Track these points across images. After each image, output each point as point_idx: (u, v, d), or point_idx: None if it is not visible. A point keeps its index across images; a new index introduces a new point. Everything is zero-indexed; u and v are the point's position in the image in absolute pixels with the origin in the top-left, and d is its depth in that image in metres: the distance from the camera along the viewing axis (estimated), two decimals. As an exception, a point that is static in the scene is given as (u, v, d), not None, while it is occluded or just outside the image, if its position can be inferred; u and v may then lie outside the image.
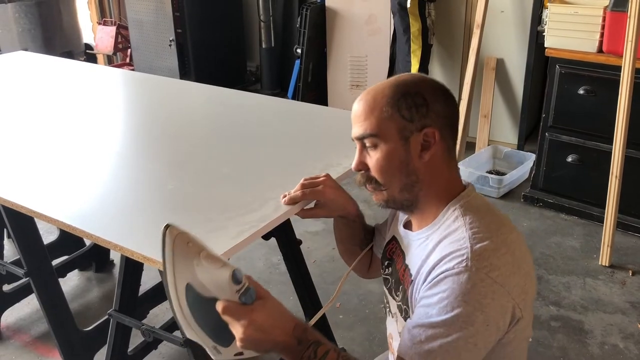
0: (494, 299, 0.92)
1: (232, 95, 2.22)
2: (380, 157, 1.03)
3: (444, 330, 0.91)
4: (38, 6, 4.70)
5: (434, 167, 1.03)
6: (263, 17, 4.64)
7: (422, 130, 1.01)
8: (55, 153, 1.70)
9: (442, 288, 0.93)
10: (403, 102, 1.01)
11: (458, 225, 0.99)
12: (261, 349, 0.91)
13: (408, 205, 1.07)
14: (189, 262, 0.89)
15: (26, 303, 2.47)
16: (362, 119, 1.03)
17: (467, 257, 0.93)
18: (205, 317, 0.92)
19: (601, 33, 2.74)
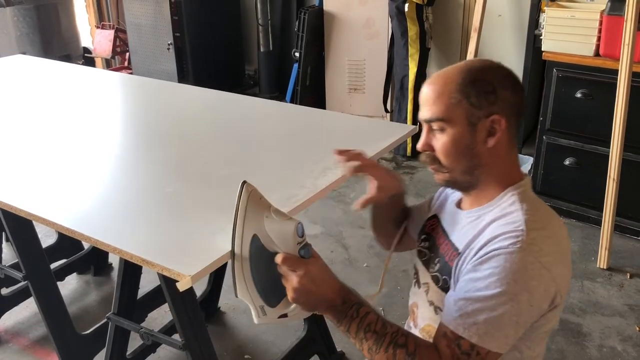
0: (541, 282, 0.97)
1: (231, 98, 2.22)
2: (447, 141, 1.06)
3: (491, 305, 0.95)
4: (36, 10, 4.70)
5: (496, 153, 1.07)
6: (261, 20, 4.65)
7: (489, 117, 1.04)
8: (53, 156, 1.71)
9: (493, 264, 0.97)
10: (472, 89, 1.04)
11: (514, 209, 1.03)
12: (309, 304, 0.99)
13: (467, 187, 1.11)
14: (260, 215, 1.00)
15: (24, 306, 2.47)
16: (430, 103, 1.06)
17: (522, 239, 0.97)
18: (261, 271, 1.01)
19: (598, 37, 2.75)
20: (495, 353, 0.97)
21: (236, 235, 1.01)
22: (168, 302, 1.56)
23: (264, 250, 1.00)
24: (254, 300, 1.03)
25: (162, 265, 1.12)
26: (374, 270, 2.75)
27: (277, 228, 1.00)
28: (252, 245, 1.01)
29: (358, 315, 0.99)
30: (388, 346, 0.97)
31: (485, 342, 0.95)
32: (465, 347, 0.96)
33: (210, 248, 1.15)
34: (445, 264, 1.12)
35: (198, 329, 1.60)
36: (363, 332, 0.98)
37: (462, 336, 0.96)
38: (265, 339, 2.32)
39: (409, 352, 0.97)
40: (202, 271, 1.10)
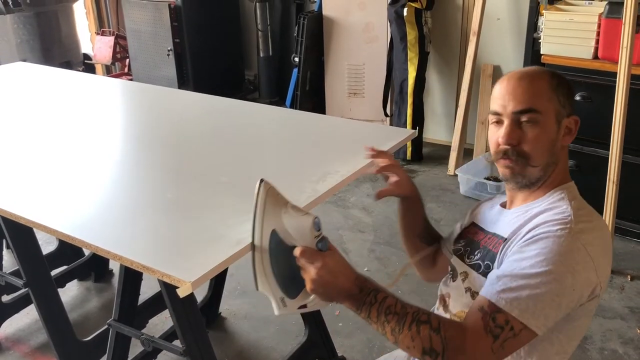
0: (585, 269, 1.00)
1: (231, 104, 2.23)
2: (540, 132, 1.09)
3: (535, 282, 0.98)
4: (36, 17, 4.71)
5: (564, 152, 1.14)
6: (261, 26, 4.66)
7: (570, 117, 1.12)
8: (54, 163, 1.71)
9: (541, 245, 1.01)
10: (560, 89, 1.11)
11: (563, 204, 1.09)
12: (327, 294, 1.02)
13: (534, 183, 1.14)
14: (278, 211, 1.05)
15: (25, 313, 2.47)
16: (524, 96, 1.09)
17: (570, 226, 1.02)
18: (281, 264, 1.06)
19: (596, 40, 2.75)
20: (530, 331, 0.97)
21: (256, 231, 1.05)
22: (169, 308, 1.56)
23: (282, 245, 1.05)
24: (274, 292, 1.07)
25: (163, 271, 1.12)
26: (375, 274, 2.75)
27: (294, 223, 1.05)
28: (271, 240, 1.05)
29: (376, 301, 1.01)
30: (411, 324, 0.98)
31: (525, 317, 0.97)
32: (500, 321, 0.97)
33: (211, 254, 1.16)
34: (488, 251, 1.16)
35: (199, 335, 1.60)
36: (384, 316, 1.00)
37: (502, 309, 0.97)
38: (267, 344, 2.32)
39: (433, 327, 0.97)
40: (203, 277, 1.10)
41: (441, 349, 0.96)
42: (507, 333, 0.97)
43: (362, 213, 3.25)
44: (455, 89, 3.90)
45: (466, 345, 0.96)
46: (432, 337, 0.96)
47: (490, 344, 0.96)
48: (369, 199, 3.33)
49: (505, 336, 0.97)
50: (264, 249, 1.05)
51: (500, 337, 0.96)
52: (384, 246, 2.95)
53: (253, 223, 1.05)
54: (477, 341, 0.97)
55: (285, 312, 1.09)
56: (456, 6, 3.82)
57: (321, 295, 1.03)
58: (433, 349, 0.96)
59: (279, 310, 1.09)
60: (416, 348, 0.98)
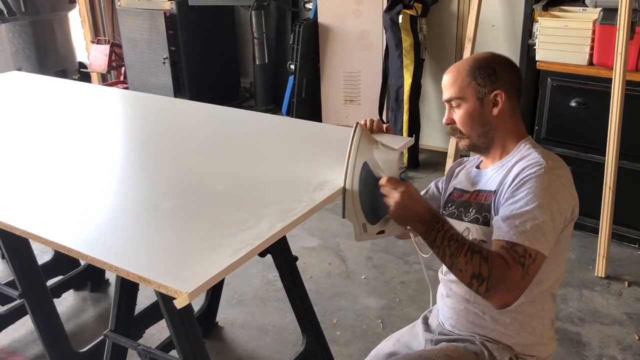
0: (563, 195, 1.28)
1: (227, 112, 2.22)
2: (463, 114, 1.39)
3: (532, 215, 1.23)
4: (32, 26, 4.71)
5: (503, 119, 1.39)
6: (256, 34, 4.67)
7: (492, 92, 1.37)
8: (49, 173, 1.70)
9: (527, 186, 1.27)
10: (478, 73, 1.37)
11: (531, 152, 1.35)
12: (405, 217, 1.25)
13: (485, 148, 1.42)
14: (370, 146, 1.29)
15: (21, 324, 2.44)
16: (449, 86, 1.40)
17: (544, 166, 1.29)
18: (367, 193, 1.29)
19: (591, 46, 2.76)
20: (541, 254, 1.22)
21: (349, 163, 1.28)
22: (165, 319, 1.54)
23: (371, 175, 1.28)
24: (358, 218, 1.29)
25: (159, 282, 1.11)
26: (372, 282, 2.74)
27: (384, 157, 1.28)
28: (362, 170, 1.28)
29: (443, 229, 1.23)
30: (467, 251, 1.20)
31: (535, 244, 1.21)
32: (520, 251, 1.21)
33: (208, 264, 1.15)
34: (482, 204, 1.38)
35: (196, 345, 1.58)
36: (447, 241, 1.22)
37: (517, 242, 1.21)
38: (264, 354, 2.31)
39: (483, 256, 1.20)
40: (200, 288, 1.09)
41: (487, 276, 1.18)
42: (528, 260, 1.20)
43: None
44: (451, 96, 3.91)
45: (506, 275, 1.19)
46: (482, 264, 1.19)
47: (520, 272, 1.19)
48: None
49: (528, 263, 1.20)
50: (355, 179, 1.27)
51: (525, 264, 1.20)
52: (381, 254, 2.95)
53: (348, 157, 1.27)
54: (513, 272, 1.19)
55: (365, 237, 1.31)
56: (451, 13, 3.84)
57: (400, 218, 1.26)
58: (480, 275, 1.19)
59: (360, 236, 1.31)
60: (467, 272, 1.20)
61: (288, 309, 2.07)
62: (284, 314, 2.48)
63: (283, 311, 2.49)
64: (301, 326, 2.03)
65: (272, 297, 2.64)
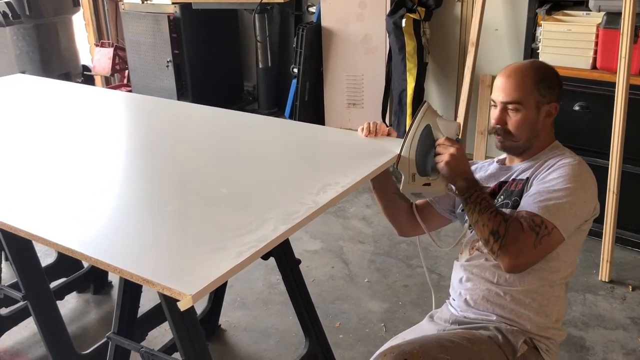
0: (592, 187, 1.43)
1: (230, 115, 2.23)
2: (520, 119, 1.49)
3: (558, 195, 1.36)
4: (36, 29, 4.73)
5: (547, 128, 1.54)
6: (259, 37, 4.68)
7: (550, 104, 1.51)
8: (52, 175, 1.70)
9: (560, 171, 1.41)
10: (542, 83, 1.49)
11: (562, 152, 1.51)
12: (455, 170, 1.40)
13: (524, 150, 1.54)
14: (434, 115, 1.49)
15: (24, 326, 2.45)
16: (511, 90, 1.48)
17: (577, 159, 1.45)
18: (423, 148, 1.47)
19: (595, 50, 2.77)
20: (558, 232, 1.33)
21: (414, 124, 1.47)
22: (168, 321, 1.55)
23: (430, 134, 1.46)
24: (410, 168, 1.48)
25: (163, 284, 1.11)
26: (375, 285, 2.74)
27: (445, 124, 1.47)
28: (424, 130, 1.46)
29: (481, 190, 1.40)
30: (492, 212, 1.36)
31: (553, 219, 1.33)
32: (538, 221, 1.33)
33: (212, 267, 1.15)
34: (512, 191, 1.50)
35: (199, 348, 1.58)
36: (480, 200, 1.38)
37: (536, 213, 1.34)
38: (267, 357, 2.31)
39: (505, 217, 1.35)
40: (204, 290, 1.09)
41: (503, 234, 1.32)
42: (543, 231, 1.32)
43: (362, 224, 3.25)
44: (454, 100, 3.91)
45: (519, 237, 1.32)
46: (501, 224, 1.33)
47: (533, 239, 1.32)
48: (369, 210, 3.32)
49: (542, 233, 1.32)
50: (416, 135, 1.46)
51: (539, 234, 1.32)
52: (384, 257, 2.94)
53: (413, 119, 1.47)
54: (526, 236, 1.32)
55: (412, 187, 1.50)
56: (454, 17, 3.84)
57: (450, 170, 1.40)
58: (498, 232, 1.33)
59: (407, 186, 1.50)
60: (488, 227, 1.34)
61: (291, 312, 2.07)
62: (287, 317, 2.47)
63: (286, 314, 2.49)
64: (304, 329, 2.03)
65: (274, 300, 2.64)
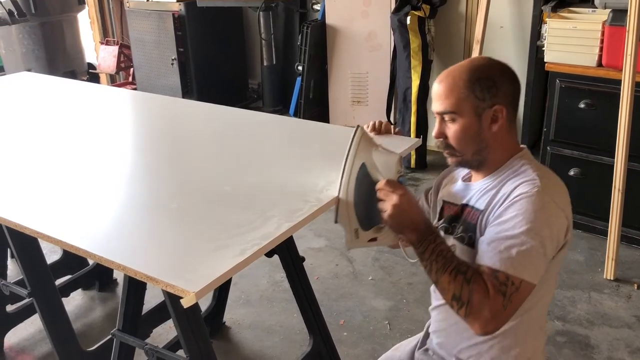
0: (558, 218, 1.18)
1: (234, 113, 2.23)
2: (458, 129, 1.26)
3: (520, 240, 1.13)
4: (41, 27, 4.74)
5: (499, 135, 1.27)
6: (264, 35, 4.67)
7: (492, 107, 1.24)
8: (58, 173, 1.71)
9: (518, 207, 1.17)
10: (477, 85, 1.23)
11: (525, 168, 1.25)
12: (401, 223, 1.20)
13: (477, 165, 1.31)
14: (369, 148, 1.25)
15: (30, 323, 2.46)
16: (443, 98, 1.26)
17: (537, 185, 1.18)
18: (362, 196, 1.24)
19: (600, 47, 2.75)
20: (528, 282, 1.13)
21: (347, 164, 1.24)
22: (172, 318, 1.55)
23: (368, 177, 1.23)
24: (351, 223, 1.25)
25: (167, 281, 1.12)
26: (379, 283, 2.74)
27: (383, 159, 1.24)
28: (359, 172, 1.24)
29: (435, 242, 1.18)
30: (452, 270, 1.14)
31: (520, 272, 1.12)
32: (502, 279, 1.12)
33: (215, 264, 1.15)
34: (469, 223, 1.28)
35: (203, 345, 1.59)
36: (435, 255, 1.16)
37: (499, 269, 1.13)
38: (271, 354, 2.31)
39: (467, 278, 1.13)
40: (207, 287, 1.10)
41: (467, 300, 1.12)
42: (511, 288, 1.12)
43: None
44: (459, 97, 3.89)
45: (485, 303, 1.11)
46: (463, 287, 1.12)
47: (501, 302, 1.11)
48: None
49: (510, 292, 1.12)
50: (351, 180, 1.24)
51: (507, 293, 1.12)
52: (388, 255, 2.94)
53: (345, 158, 1.24)
54: (493, 301, 1.11)
55: (357, 244, 1.26)
56: (459, 14, 3.83)
57: (395, 224, 1.20)
58: (460, 298, 1.12)
59: (351, 243, 1.26)
60: (449, 291, 1.14)
61: (295, 310, 2.08)
62: (291, 314, 2.48)
63: (290, 312, 2.50)
64: (308, 327, 2.03)
65: (279, 297, 2.64)
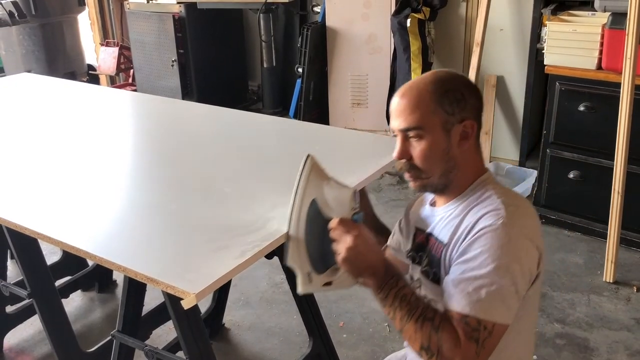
0: (527, 252, 1.08)
1: (234, 114, 2.23)
2: (425, 147, 1.14)
3: (488, 281, 1.03)
4: (41, 28, 4.75)
5: (468, 153, 1.17)
6: (264, 37, 4.68)
7: (462, 122, 1.14)
8: (58, 174, 1.71)
9: (482, 243, 1.06)
10: (445, 98, 1.12)
11: (489, 194, 1.14)
12: (357, 267, 1.08)
13: (442, 189, 1.19)
14: (320, 182, 1.12)
15: (29, 324, 2.46)
16: (407, 113, 1.13)
17: (502, 215, 1.07)
18: (314, 236, 1.10)
19: (600, 50, 2.76)
20: (501, 325, 1.04)
21: (296, 199, 1.10)
22: (172, 320, 1.55)
23: (320, 216, 1.10)
24: (302, 266, 1.10)
25: (167, 283, 1.12)
26: (379, 285, 2.73)
27: (335, 194, 1.11)
28: (310, 209, 1.10)
29: (397, 286, 1.07)
30: (418, 318, 1.05)
31: (491, 315, 1.03)
32: (473, 324, 1.03)
33: (215, 265, 1.15)
34: (433, 256, 1.19)
35: (202, 346, 1.59)
36: (399, 302, 1.06)
37: (469, 314, 1.03)
38: (271, 356, 2.31)
39: (434, 325, 1.04)
40: (207, 289, 1.10)
41: (436, 350, 1.02)
42: (484, 334, 1.03)
43: (365, 223, 3.24)
44: (459, 100, 3.90)
45: (457, 353, 1.02)
46: (432, 336, 1.03)
47: (474, 349, 1.02)
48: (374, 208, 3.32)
49: (483, 337, 1.03)
50: (301, 218, 1.10)
51: (479, 340, 1.03)
52: (388, 257, 2.94)
53: (294, 193, 1.10)
54: (465, 349, 1.02)
55: (310, 289, 1.12)
56: (459, 17, 3.83)
57: (351, 268, 1.08)
58: (430, 348, 1.03)
59: (304, 287, 1.11)
60: (417, 341, 1.05)
61: (295, 312, 2.07)
62: (291, 316, 2.48)
63: (290, 313, 2.49)
64: (308, 329, 2.03)
65: (278, 299, 2.64)
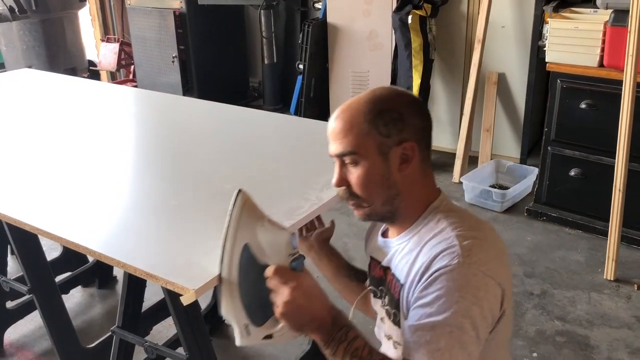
0: (488, 291, 0.97)
1: (235, 111, 2.23)
2: (362, 174, 1.04)
3: (447, 328, 0.93)
4: (42, 24, 4.74)
5: (412, 178, 1.06)
6: (265, 33, 4.67)
7: (401, 145, 1.03)
8: (58, 170, 1.71)
9: (438, 286, 0.95)
10: (380, 119, 1.02)
11: (442, 226, 1.03)
12: (298, 321, 0.94)
13: (389, 217, 1.09)
14: (253, 223, 0.96)
15: (29, 320, 2.46)
16: (340, 137, 1.04)
17: (458, 253, 0.96)
18: (249, 285, 0.97)
19: (602, 47, 2.75)
20: None
21: (227, 244, 0.97)
22: (172, 316, 1.55)
23: (254, 262, 0.96)
24: (238, 317, 0.98)
25: (167, 279, 1.12)
26: (379, 282, 2.73)
27: (270, 238, 0.96)
28: (242, 255, 0.97)
29: (346, 339, 0.94)
30: None
31: None
32: None
33: (215, 262, 1.15)
34: (392, 296, 1.10)
35: (202, 343, 1.59)
36: (349, 357, 0.94)
37: None
38: (271, 352, 2.31)
39: None
40: (206, 285, 1.10)
41: None
42: None
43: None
44: (460, 97, 3.90)
45: None
46: None
47: None
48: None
49: None
50: (233, 265, 0.96)
51: None
52: (388, 254, 2.94)
53: (225, 235, 0.96)
54: None
55: (248, 342, 0.99)
56: (461, 14, 3.82)
57: (291, 322, 0.94)
58: None
59: (242, 340, 0.99)
60: None
61: (294, 308, 2.08)
62: (291, 313, 2.48)
63: (289, 310, 2.50)
64: (307, 325, 2.03)
65: (278, 296, 2.64)
